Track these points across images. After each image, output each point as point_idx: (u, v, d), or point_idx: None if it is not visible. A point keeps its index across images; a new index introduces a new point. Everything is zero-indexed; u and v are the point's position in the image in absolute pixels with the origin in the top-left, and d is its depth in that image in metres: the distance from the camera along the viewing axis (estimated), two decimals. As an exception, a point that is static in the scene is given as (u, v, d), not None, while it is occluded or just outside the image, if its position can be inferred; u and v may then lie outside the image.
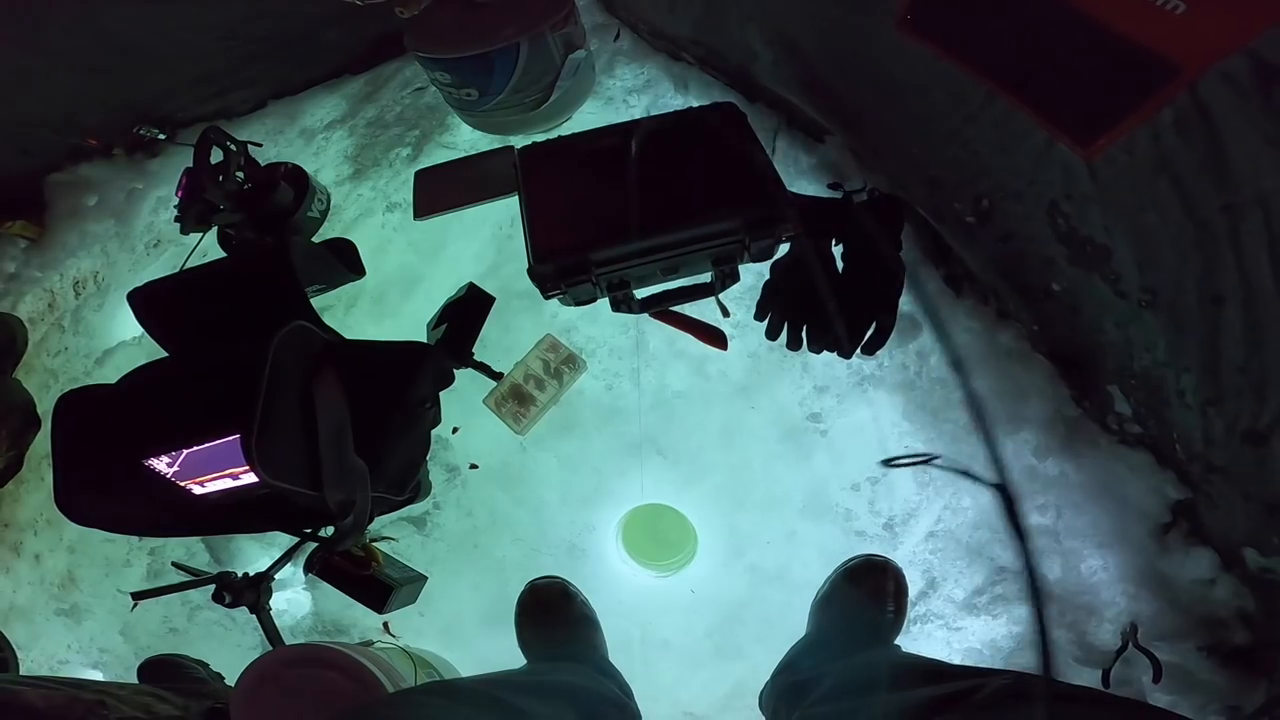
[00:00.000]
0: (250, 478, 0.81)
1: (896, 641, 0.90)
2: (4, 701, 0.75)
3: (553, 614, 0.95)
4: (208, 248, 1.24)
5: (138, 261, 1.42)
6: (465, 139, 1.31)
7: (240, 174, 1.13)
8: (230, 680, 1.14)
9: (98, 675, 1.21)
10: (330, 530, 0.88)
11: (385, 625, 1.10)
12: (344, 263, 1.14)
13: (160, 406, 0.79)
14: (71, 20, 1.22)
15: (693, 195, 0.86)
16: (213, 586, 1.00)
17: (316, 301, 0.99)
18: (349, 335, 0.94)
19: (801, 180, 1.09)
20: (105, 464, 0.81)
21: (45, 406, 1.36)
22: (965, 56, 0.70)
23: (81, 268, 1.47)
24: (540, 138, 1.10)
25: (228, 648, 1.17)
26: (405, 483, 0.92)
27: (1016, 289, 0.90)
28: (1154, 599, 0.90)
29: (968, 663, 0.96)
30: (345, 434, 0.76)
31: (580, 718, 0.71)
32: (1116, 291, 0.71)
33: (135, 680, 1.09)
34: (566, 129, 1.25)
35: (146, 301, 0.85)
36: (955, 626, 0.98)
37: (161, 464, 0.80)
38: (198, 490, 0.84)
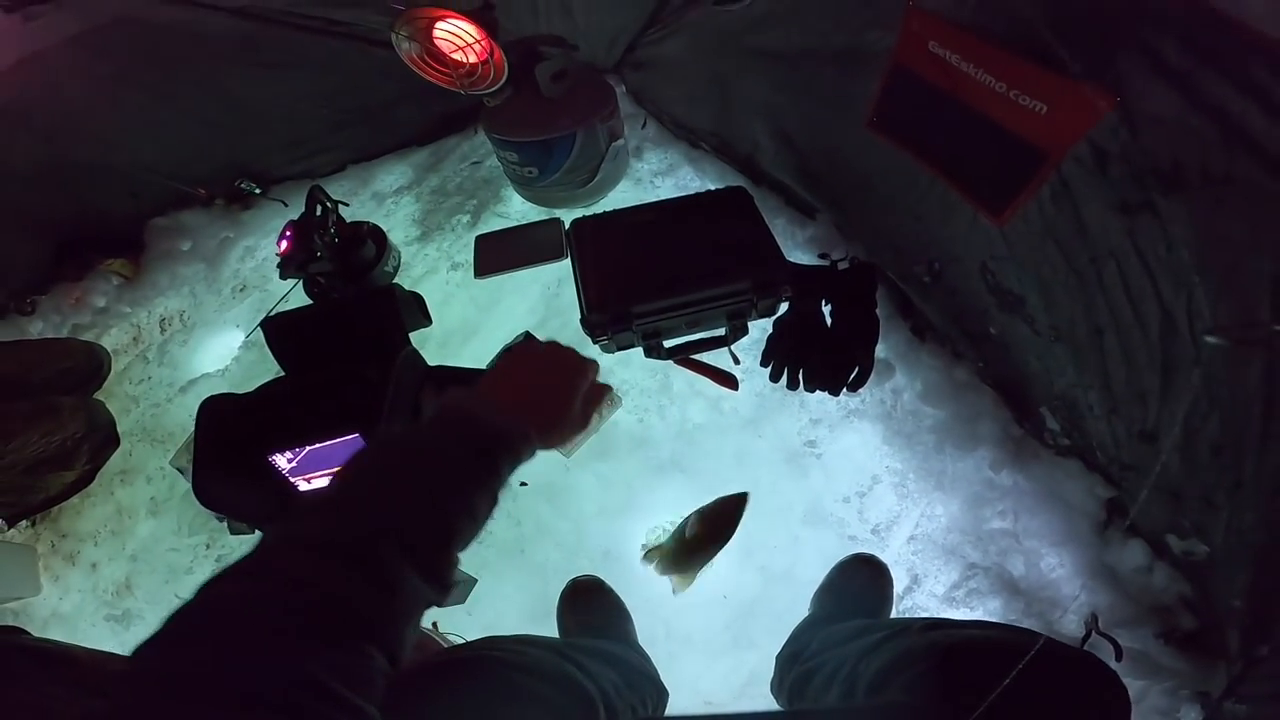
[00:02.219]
0: (353, 473, 0.98)
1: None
2: None
3: (591, 603, 1.09)
4: (290, 296, 1.44)
5: (223, 304, 1.60)
6: (516, 209, 1.56)
7: (333, 229, 1.35)
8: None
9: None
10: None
11: (434, 624, 1.21)
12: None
13: (288, 411, 0.97)
14: (200, 77, 1.42)
15: (712, 262, 1.08)
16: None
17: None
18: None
19: (797, 251, 1.34)
20: (234, 457, 0.97)
21: (124, 428, 1.48)
22: (914, 148, 0.91)
23: (169, 306, 1.63)
24: (581, 212, 1.34)
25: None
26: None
27: (964, 333, 1.11)
28: (1108, 591, 1.00)
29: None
30: (441, 435, 0.94)
31: (622, 680, 0.84)
32: (1033, 330, 0.92)
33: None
34: (603, 205, 1.50)
35: (275, 329, 1.05)
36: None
37: (282, 459, 0.97)
38: (304, 487, 1.00)
